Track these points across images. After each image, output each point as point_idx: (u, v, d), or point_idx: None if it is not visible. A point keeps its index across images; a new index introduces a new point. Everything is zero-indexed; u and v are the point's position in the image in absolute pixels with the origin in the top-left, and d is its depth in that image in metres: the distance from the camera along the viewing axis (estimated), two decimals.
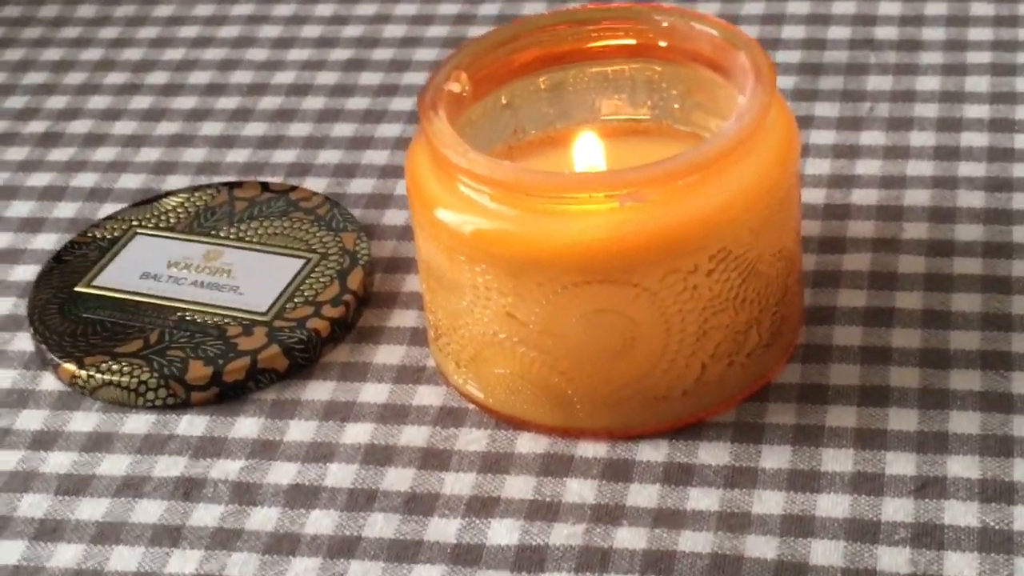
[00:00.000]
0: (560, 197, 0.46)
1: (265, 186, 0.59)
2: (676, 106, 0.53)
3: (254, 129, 0.64)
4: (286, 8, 0.70)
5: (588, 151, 0.53)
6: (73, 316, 0.55)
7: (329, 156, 0.62)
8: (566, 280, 0.47)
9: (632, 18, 0.52)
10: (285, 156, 0.62)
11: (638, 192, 0.46)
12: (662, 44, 0.52)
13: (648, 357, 0.48)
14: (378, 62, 0.67)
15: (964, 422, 0.49)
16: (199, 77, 0.67)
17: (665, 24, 0.52)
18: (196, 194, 0.59)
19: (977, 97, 0.61)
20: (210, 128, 0.64)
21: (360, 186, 0.60)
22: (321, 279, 0.55)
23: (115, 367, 0.53)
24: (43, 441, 0.52)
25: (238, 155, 0.63)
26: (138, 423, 0.52)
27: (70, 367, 0.53)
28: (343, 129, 0.63)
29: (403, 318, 0.55)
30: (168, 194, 0.60)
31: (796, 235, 0.50)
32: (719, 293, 0.48)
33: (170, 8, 0.71)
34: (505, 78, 0.53)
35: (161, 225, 0.58)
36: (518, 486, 0.49)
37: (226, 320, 0.54)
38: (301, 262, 0.56)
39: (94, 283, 0.56)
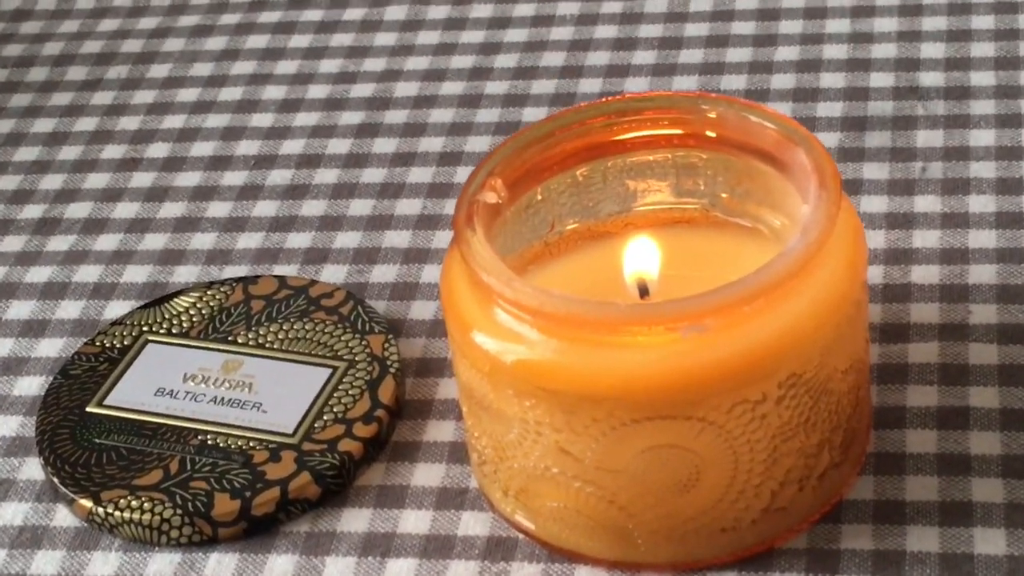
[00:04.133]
0: (616, 331, 0.43)
1: (282, 281, 0.56)
2: (724, 195, 0.50)
3: (264, 208, 0.60)
4: (290, 66, 0.66)
5: (636, 249, 0.49)
6: (86, 442, 0.51)
7: (347, 239, 0.58)
8: (624, 416, 0.43)
9: (676, 107, 0.49)
10: (300, 240, 0.58)
11: (700, 323, 0.43)
12: (710, 134, 0.48)
13: (714, 490, 0.45)
14: (390, 126, 0.63)
15: None
16: (201, 148, 0.63)
17: (713, 115, 0.48)
18: (209, 292, 0.55)
19: None
20: (217, 208, 0.60)
21: (382, 274, 0.57)
22: (350, 391, 0.51)
23: (135, 503, 0.49)
24: None
25: (250, 240, 0.59)
26: (162, 564, 0.48)
27: (86, 503, 0.49)
28: (360, 207, 0.59)
29: (439, 431, 0.51)
30: (179, 293, 0.56)
31: (866, 343, 0.47)
32: (789, 419, 0.44)
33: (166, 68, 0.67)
34: (541, 176, 0.49)
35: (174, 331, 0.54)
36: None
37: (251, 444, 0.50)
38: (327, 372, 0.52)
39: (106, 402, 0.52)
